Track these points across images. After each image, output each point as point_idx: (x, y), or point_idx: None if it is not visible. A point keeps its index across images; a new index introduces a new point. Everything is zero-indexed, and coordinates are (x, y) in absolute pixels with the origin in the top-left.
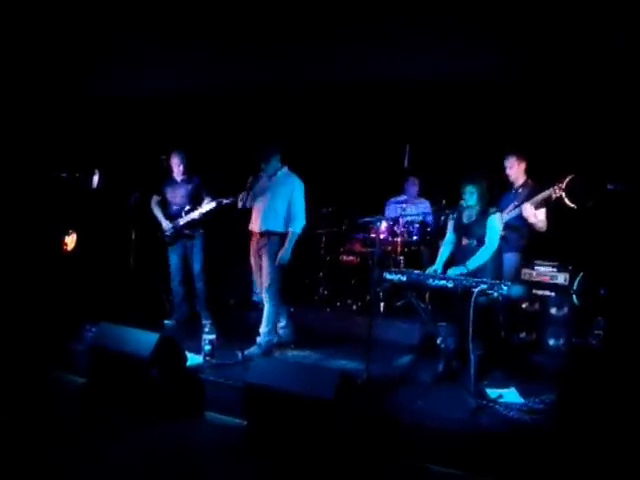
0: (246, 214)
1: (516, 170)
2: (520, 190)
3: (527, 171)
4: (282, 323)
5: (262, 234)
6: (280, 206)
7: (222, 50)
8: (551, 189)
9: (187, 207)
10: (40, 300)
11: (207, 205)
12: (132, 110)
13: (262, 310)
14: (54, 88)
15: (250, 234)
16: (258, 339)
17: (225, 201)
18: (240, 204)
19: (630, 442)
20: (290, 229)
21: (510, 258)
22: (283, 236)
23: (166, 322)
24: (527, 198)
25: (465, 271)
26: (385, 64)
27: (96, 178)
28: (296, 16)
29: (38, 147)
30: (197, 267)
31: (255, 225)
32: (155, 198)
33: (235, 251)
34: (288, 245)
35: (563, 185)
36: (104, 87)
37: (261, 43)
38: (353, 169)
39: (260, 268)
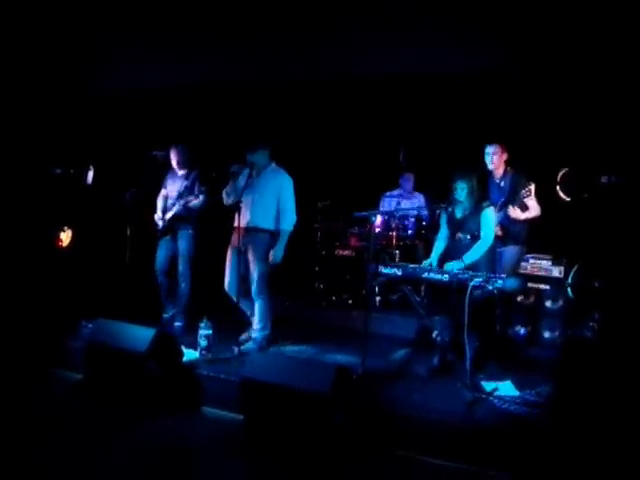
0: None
1: (498, 158)
2: (502, 183)
3: (507, 162)
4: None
5: (249, 230)
6: (269, 203)
7: (218, 45)
8: (523, 191)
9: (178, 201)
10: (36, 297)
11: (182, 201)
12: (127, 105)
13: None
14: (48, 84)
15: (233, 229)
16: (252, 335)
17: (189, 203)
18: (226, 199)
19: (625, 434)
20: (281, 227)
21: (509, 251)
22: (271, 233)
23: (164, 315)
24: (510, 189)
25: (462, 265)
26: (381, 59)
27: (91, 174)
28: (294, 12)
29: (32, 143)
30: (181, 267)
31: (242, 221)
32: (162, 192)
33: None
34: (280, 243)
35: (532, 186)
36: (98, 83)
37: (257, 37)
38: (349, 163)
39: (237, 264)
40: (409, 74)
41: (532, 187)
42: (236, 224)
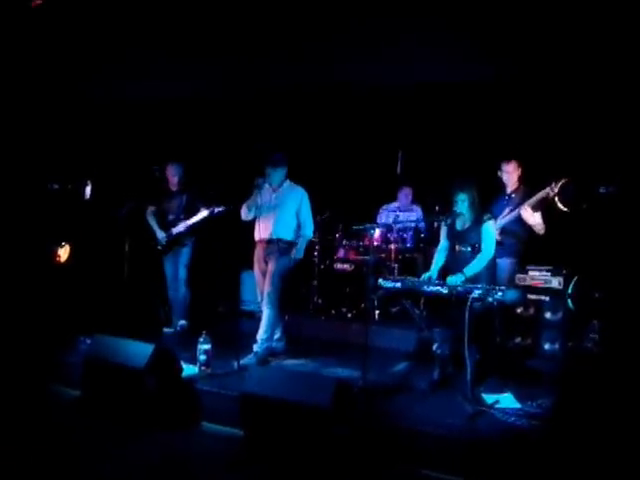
0: (237, 221)
1: (514, 175)
2: (513, 195)
3: (521, 179)
4: (277, 335)
5: (271, 241)
6: (289, 216)
7: (211, 59)
8: (547, 188)
9: (182, 216)
10: (34, 312)
11: (201, 214)
12: (123, 120)
13: (259, 319)
14: (46, 100)
15: (254, 244)
16: (255, 347)
17: (217, 209)
18: (245, 212)
19: (628, 445)
20: (302, 234)
21: (505, 263)
22: (293, 243)
23: (165, 330)
24: (521, 202)
25: (463, 278)
26: (379, 71)
27: (88, 189)
28: (289, 22)
29: (30, 158)
30: (182, 273)
31: (264, 234)
32: (150, 209)
33: (226, 260)
34: (301, 246)
35: (558, 184)
36: (95, 97)
37: (252, 50)
38: (346, 176)
39: (264, 275)
40: (407, 86)
41: (559, 185)
42: (258, 237)
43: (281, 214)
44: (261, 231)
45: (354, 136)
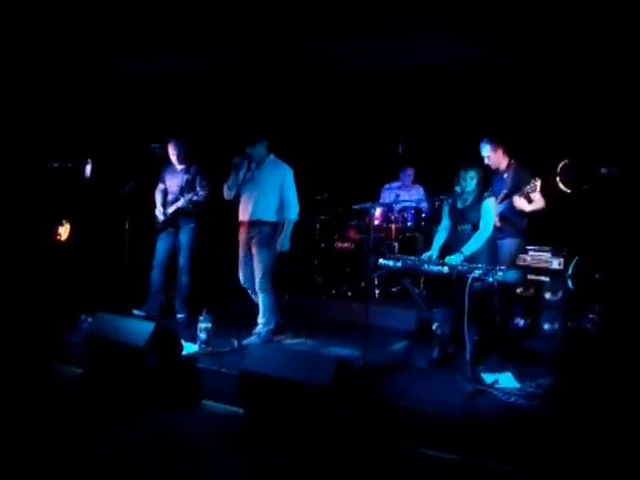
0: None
1: (494, 157)
2: (505, 175)
3: (508, 153)
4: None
5: (252, 223)
6: (271, 195)
7: (212, 35)
8: (531, 184)
9: (180, 196)
10: (35, 292)
11: (188, 195)
12: (123, 98)
13: (253, 299)
14: (44, 78)
15: (238, 224)
16: (257, 329)
17: (201, 192)
18: (227, 192)
19: (626, 425)
20: (286, 217)
21: (508, 243)
22: (274, 225)
23: (135, 312)
24: (513, 182)
25: (462, 257)
26: (379, 50)
27: (89, 168)
28: (289, 7)
29: (30, 137)
30: (183, 260)
31: (245, 215)
32: (160, 186)
33: (229, 239)
34: (286, 233)
35: (537, 182)
36: (95, 75)
37: (253, 27)
38: (347, 156)
39: (249, 258)
40: (407, 66)
41: (537, 183)
42: (240, 218)
43: (261, 193)
44: (242, 211)
45: (357, 116)
